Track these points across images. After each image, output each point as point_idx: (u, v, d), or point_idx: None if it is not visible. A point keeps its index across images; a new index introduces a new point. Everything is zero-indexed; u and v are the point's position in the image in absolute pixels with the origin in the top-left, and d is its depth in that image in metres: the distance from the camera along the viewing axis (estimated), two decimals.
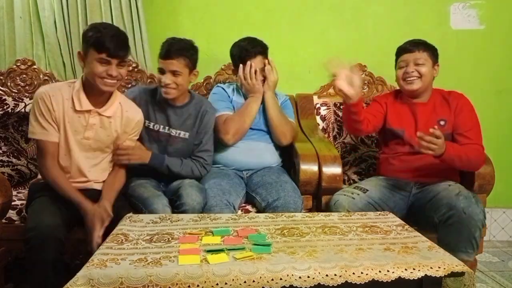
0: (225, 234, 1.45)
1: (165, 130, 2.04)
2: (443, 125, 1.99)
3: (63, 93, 1.75)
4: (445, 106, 2.04)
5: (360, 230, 1.50)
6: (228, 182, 2.00)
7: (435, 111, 2.04)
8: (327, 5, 2.69)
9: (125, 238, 1.41)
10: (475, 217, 1.71)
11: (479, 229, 1.72)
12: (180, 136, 2.06)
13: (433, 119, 2.02)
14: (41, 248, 1.50)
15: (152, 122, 2.04)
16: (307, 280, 1.17)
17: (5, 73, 2.47)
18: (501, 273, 2.39)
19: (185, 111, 2.07)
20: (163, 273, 1.16)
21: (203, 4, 2.64)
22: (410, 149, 2.03)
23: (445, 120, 2.01)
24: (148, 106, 2.04)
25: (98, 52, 1.67)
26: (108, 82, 1.71)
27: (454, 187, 1.85)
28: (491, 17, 2.72)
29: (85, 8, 2.45)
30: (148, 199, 1.82)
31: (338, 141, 2.57)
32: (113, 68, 1.69)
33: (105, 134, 1.82)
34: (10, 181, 2.23)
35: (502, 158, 2.61)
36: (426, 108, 2.05)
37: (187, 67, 1.98)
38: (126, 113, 1.86)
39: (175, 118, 2.05)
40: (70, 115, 1.75)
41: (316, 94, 2.67)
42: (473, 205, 1.73)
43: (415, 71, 2.01)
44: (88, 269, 1.18)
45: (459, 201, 1.74)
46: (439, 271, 1.22)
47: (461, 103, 2.03)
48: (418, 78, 2.01)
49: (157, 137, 2.04)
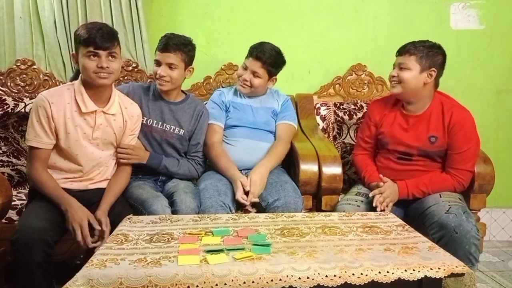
0: (225, 234, 1.45)
1: (159, 126, 2.05)
2: (433, 142, 1.93)
3: (65, 98, 1.75)
4: (439, 122, 1.93)
5: (360, 231, 1.50)
6: (224, 183, 2.00)
7: (428, 125, 1.94)
8: (327, 5, 2.69)
9: (125, 238, 1.41)
10: (467, 234, 1.67)
11: (474, 244, 1.68)
12: (174, 132, 2.07)
13: (424, 134, 1.94)
14: (27, 250, 1.50)
15: (146, 117, 2.03)
16: (307, 281, 1.17)
17: (5, 73, 2.47)
18: (501, 273, 2.39)
19: (180, 108, 2.09)
20: (163, 274, 1.16)
21: (203, 4, 2.64)
22: (397, 155, 2.00)
23: (436, 137, 1.92)
24: (142, 101, 2.05)
25: (86, 46, 1.68)
26: (102, 75, 1.71)
27: (444, 201, 1.81)
28: (491, 17, 2.72)
29: (85, 8, 2.45)
30: (147, 200, 1.81)
31: (338, 141, 2.56)
32: (103, 60, 1.70)
33: (111, 132, 1.83)
34: (10, 181, 2.23)
35: (502, 158, 2.62)
36: (419, 121, 1.96)
37: (183, 61, 2.01)
38: (125, 109, 1.87)
39: (169, 114, 2.07)
40: (75, 119, 1.75)
41: (316, 94, 2.67)
42: (464, 223, 1.69)
43: (396, 75, 1.93)
44: (87, 269, 1.18)
45: (449, 219, 1.70)
46: (439, 272, 1.22)
47: (460, 122, 1.90)
48: (398, 84, 1.93)
49: (151, 132, 2.05)
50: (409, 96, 1.95)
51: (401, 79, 1.91)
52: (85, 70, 1.71)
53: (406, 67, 1.91)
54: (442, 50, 1.95)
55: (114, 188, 1.83)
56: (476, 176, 2.01)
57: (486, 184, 2.03)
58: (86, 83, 1.75)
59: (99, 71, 1.70)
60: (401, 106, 2.03)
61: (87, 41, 1.68)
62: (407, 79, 1.90)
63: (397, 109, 2.04)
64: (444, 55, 1.95)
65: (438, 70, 1.93)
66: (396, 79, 1.93)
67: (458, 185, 1.93)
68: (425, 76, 1.90)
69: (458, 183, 1.92)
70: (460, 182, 1.92)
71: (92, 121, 1.77)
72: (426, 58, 1.89)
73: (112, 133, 1.83)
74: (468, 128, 1.91)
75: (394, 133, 2.01)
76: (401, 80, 1.91)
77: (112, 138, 1.84)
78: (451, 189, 1.92)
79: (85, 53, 1.69)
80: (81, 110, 1.75)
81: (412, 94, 1.94)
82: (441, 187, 1.92)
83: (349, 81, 2.68)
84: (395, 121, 2.02)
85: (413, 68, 1.90)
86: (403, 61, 1.92)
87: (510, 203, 2.87)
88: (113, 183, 1.86)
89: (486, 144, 2.22)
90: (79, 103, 1.75)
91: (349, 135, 2.55)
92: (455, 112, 1.91)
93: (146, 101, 2.06)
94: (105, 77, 1.72)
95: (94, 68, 1.70)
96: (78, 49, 1.73)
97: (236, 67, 2.58)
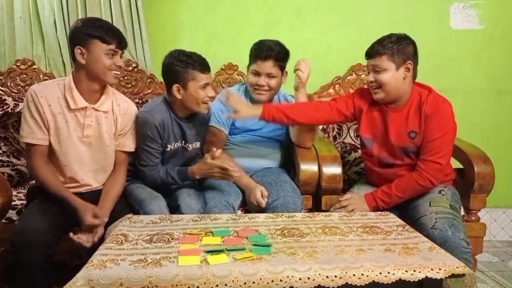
0: (225, 234, 1.45)
1: (180, 145, 1.96)
2: (413, 138, 1.82)
3: (55, 93, 1.70)
4: (417, 115, 1.82)
5: (361, 231, 1.50)
6: (227, 183, 1.99)
7: (407, 121, 1.84)
8: (327, 5, 2.69)
9: (125, 238, 1.41)
10: (455, 250, 1.54)
11: (463, 258, 1.51)
12: (194, 148, 2.02)
13: (403, 130, 1.84)
14: (27, 251, 1.50)
15: (171, 144, 1.93)
16: (307, 281, 1.17)
17: (5, 73, 2.47)
18: (501, 273, 2.39)
19: (196, 121, 2.00)
20: (163, 274, 1.16)
21: (203, 4, 2.64)
22: (379, 162, 1.94)
23: (416, 132, 1.82)
24: (169, 129, 1.90)
25: (108, 43, 1.65)
26: (118, 74, 1.71)
27: (432, 213, 1.71)
28: (491, 17, 2.72)
29: (85, 8, 2.46)
30: (145, 200, 1.80)
31: (338, 141, 2.56)
32: (119, 59, 1.69)
33: (104, 130, 1.78)
34: (10, 181, 2.22)
35: (502, 158, 2.62)
36: (398, 116, 1.85)
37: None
38: (118, 106, 1.81)
39: (190, 133, 1.97)
40: (65, 116, 1.70)
41: (316, 94, 2.66)
42: (450, 239, 1.58)
43: (374, 80, 1.81)
44: (87, 270, 1.18)
45: (434, 235, 1.60)
46: (440, 272, 1.22)
47: (434, 110, 1.78)
48: (379, 88, 1.82)
49: (172, 154, 1.96)
50: (392, 98, 1.84)
51: (380, 83, 1.80)
52: (101, 68, 1.66)
53: (381, 69, 1.79)
54: (410, 39, 1.84)
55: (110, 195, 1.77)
56: (476, 176, 2.00)
57: (486, 184, 2.02)
58: (80, 79, 1.70)
59: (116, 70, 1.69)
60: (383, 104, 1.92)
61: (109, 39, 1.65)
62: (386, 81, 1.79)
63: (377, 106, 1.93)
64: (414, 44, 1.84)
65: (413, 61, 1.81)
66: (375, 84, 1.82)
67: (422, 180, 1.78)
68: (403, 71, 1.79)
69: (422, 179, 1.78)
70: (424, 177, 1.78)
71: (82, 118, 1.73)
72: (397, 53, 1.78)
73: (104, 131, 1.78)
74: (442, 116, 1.78)
75: (374, 129, 1.93)
76: (380, 83, 1.81)
77: (105, 137, 1.78)
78: (416, 187, 1.80)
79: (105, 51, 1.65)
80: (70, 107, 1.69)
81: (395, 94, 1.83)
82: (405, 185, 1.81)
83: (349, 81, 2.68)
84: (375, 119, 1.93)
85: (388, 68, 1.78)
86: (375, 63, 1.81)
87: (510, 203, 2.87)
88: (110, 187, 1.80)
89: (486, 144, 2.22)
90: (68, 99, 1.69)
91: (349, 135, 2.55)
92: (430, 101, 1.80)
93: (171, 127, 1.91)
94: (119, 76, 1.73)
95: (112, 67, 1.68)
96: (89, 44, 1.65)
97: (236, 67, 2.58)
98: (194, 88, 1.83)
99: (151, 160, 1.89)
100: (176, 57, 1.84)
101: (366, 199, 1.86)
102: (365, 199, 1.86)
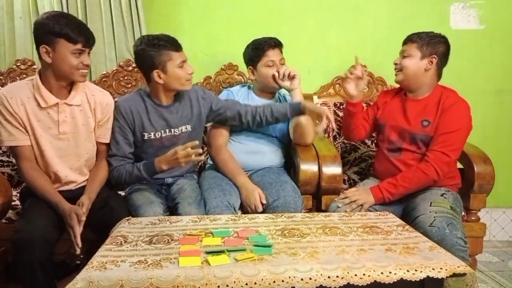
0: (225, 235, 1.45)
1: (167, 133, 1.95)
2: (425, 126, 1.91)
3: (24, 93, 1.66)
4: (434, 107, 1.92)
5: (361, 231, 1.50)
6: (228, 182, 1.99)
7: (424, 111, 1.94)
8: (327, 5, 2.69)
9: (124, 239, 1.41)
10: (452, 248, 1.56)
11: (460, 257, 1.50)
12: (183, 132, 1.98)
13: (417, 118, 1.94)
14: (28, 249, 1.49)
15: (152, 132, 1.92)
16: (309, 282, 1.17)
17: (5, 73, 2.46)
18: (501, 273, 2.39)
19: (177, 105, 1.96)
20: (164, 275, 1.15)
21: (203, 4, 2.63)
22: (389, 145, 2.01)
23: (429, 122, 1.90)
24: (141, 116, 1.91)
25: (74, 43, 1.61)
26: (85, 72, 1.67)
27: (431, 212, 1.73)
28: (491, 17, 2.72)
29: (85, 8, 2.45)
30: (140, 206, 1.78)
31: (338, 141, 2.56)
32: (86, 57, 1.65)
33: (80, 124, 1.75)
34: (10, 181, 2.22)
35: (502, 158, 2.61)
36: (417, 106, 1.96)
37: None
38: (92, 97, 1.78)
39: (173, 117, 1.94)
40: (37, 115, 1.67)
41: (316, 94, 2.66)
42: (447, 237, 1.61)
43: (398, 63, 1.98)
44: (87, 271, 1.17)
45: (432, 233, 1.62)
46: (441, 272, 1.22)
47: (452, 106, 1.88)
48: (400, 71, 1.97)
49: (162, 144, 1.94)
50: (409, 83, 1.97)
51: (402, 66, 1.95)
52: (67, 67, 1.62)
53: (407, 55, 1.94)
54: (445, 39, 1.96)
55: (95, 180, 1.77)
56: (476, 176, 2.01)
57: (486, 184, 2.03)
58: (47, 77, 1.67)
59: (83, 68, 1.65)
60: (403, 94, 2.05)
61: (75, 39, 1.60)
62: (407, 65, 1.93)
63: (398, 96, 2.08)
64: (447, 46, 1.96)
65: (440, 59, 1.93)
66: (398, 66, 1.97)
67: (428, 169, 1.83)
68: (426, 62, 1.92)
69: (428, 168, 1.83)
70: (430, 166, 1.83)
71: (56, 114, 1.69)
72: (427, 45, 1.92)
73: (80, 125, 1.74)
74: (459, 111, 1.88)
75: (390, 114, 2.03)
76: (402, 67, 1.95)
77: (82, 130, 1.75)
78: (422, 177, 1.85)
79: (71, 50, 1.61)
80: (41, 105, 1.67)
81: (412, 80, 1.96)
82: (411, 175, 1.86)
83: None
84: (394, 105, 2.05)
85: (414, 55, 1.93)
86: (405, 49, 1.96)
87: (510, 203, 2.87)
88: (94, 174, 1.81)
89: (486, 144, 2.22)
90: (38, 98, 1.66)
91: None
92: (450, 97, 1.92)
93: (146, 114, 1.91)
94: (86, 74, 1.69)
95: (79, 66, 1.64)
96: (54, 43, 1.60)
97: (236, 67, 2.58)
98: (172, 68, 1.83)
99: (117, 150, 1.87)
100: (146, 42, 1.83)
101: (371, 191, 1.89)
102: (370, 191, 1.89)
